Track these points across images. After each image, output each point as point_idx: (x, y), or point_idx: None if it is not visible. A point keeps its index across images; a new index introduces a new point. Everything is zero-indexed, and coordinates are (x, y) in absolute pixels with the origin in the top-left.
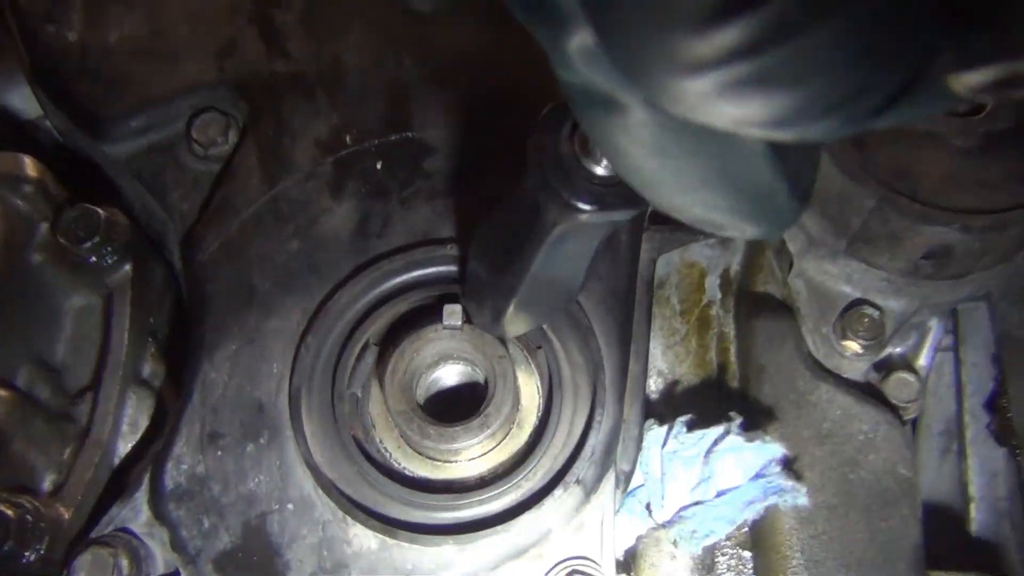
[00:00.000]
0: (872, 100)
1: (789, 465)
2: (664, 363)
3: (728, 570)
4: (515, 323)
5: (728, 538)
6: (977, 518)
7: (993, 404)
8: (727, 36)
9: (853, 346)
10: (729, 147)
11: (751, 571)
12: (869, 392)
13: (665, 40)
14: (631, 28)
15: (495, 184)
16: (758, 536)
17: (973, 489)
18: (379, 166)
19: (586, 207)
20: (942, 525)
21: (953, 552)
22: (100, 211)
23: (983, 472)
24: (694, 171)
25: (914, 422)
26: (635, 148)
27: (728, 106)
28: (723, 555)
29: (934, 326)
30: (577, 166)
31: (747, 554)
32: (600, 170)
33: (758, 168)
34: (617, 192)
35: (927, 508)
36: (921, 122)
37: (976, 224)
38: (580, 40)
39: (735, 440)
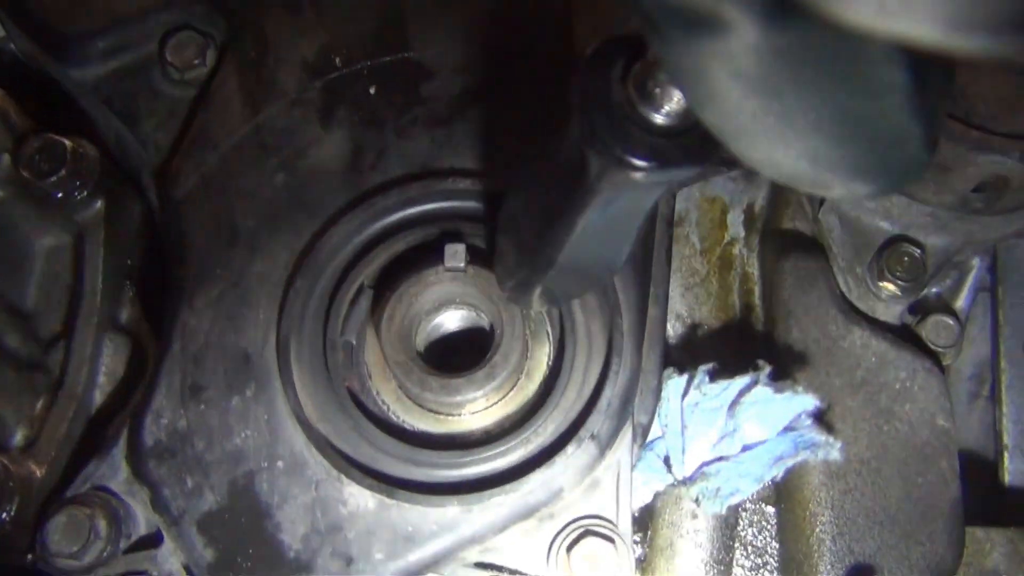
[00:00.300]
0: None
1: (821, 417)
2: (683, 306)
3: (750, 525)
4: (545, 298)
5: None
6: (1011, 468)
7: None
8: None
9: (890, 287)
10: (861, 79)
11: (775, 527)
12: (905, 336)
13: None
14: None
15: (503, 111)
16: (784, 491)
17: (1007, 438)
18: (373, 91)
19: (642, 163)
20: (972, 475)
21: (986, 504)
22: (66, 141)
23: (1019, 420)
24: (808, 113)
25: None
26: (735, 84)
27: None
28: (744, 510)
29: (976, 265)
30: (633, 114)
31: (771, 509)
32: (660, 118)
33: (893, 107)
34: (679, 145)
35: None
36: None
37: None
38: None
39: (763, 392)
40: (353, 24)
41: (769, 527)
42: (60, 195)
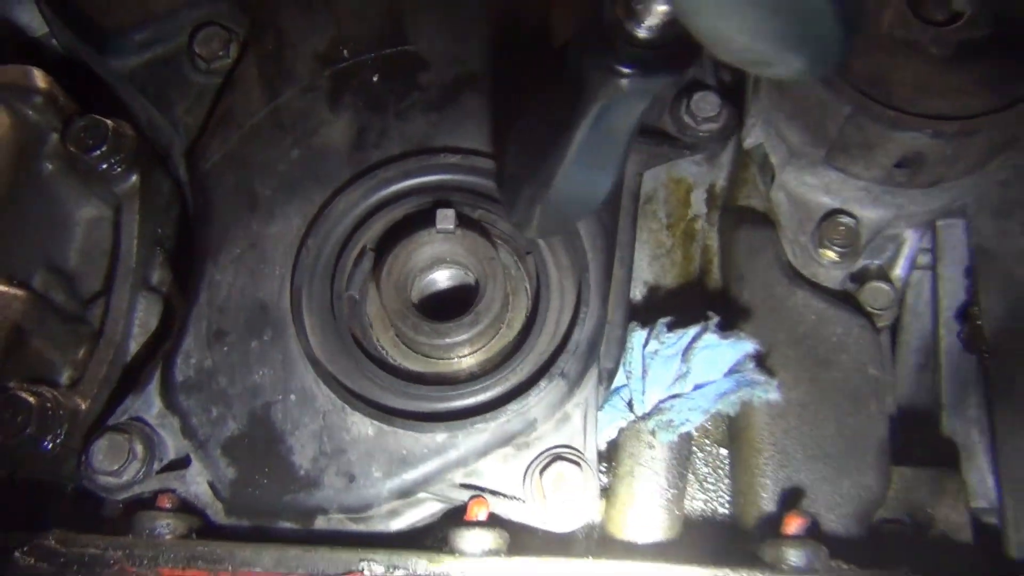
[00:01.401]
0: None
1: (762, 361)
2: (650, 274)
3: (705, 465)
4: (547, 219)
5: (706, 436)
6: (947, 424)
7: (965, 313)
8: None
9: (830, 254)
10: None
11: (726, 466)
12: (845, 299)
13: None
14: None
15: (489, 97)
16: (734, 432)
17: (944, 397)
18: (376, 79)
19: (628, 71)
20: (919, 432)
21: (926, 455)
22: (108, 121)
23: (954, 381)
24: None
25: (895, 339)
26: None
27: None
28: (702, 452)
29: (909, 237)
30: (620, 29)
31: (724, 451)
32: (642, 32)
33: None
34: (659, 55)
35: (905, 416)
36: (898, 31)
37: (947, 129)
38: None
39: (711, 338)
40: (359, 20)
41: (722, 465)
42: (103, 167)
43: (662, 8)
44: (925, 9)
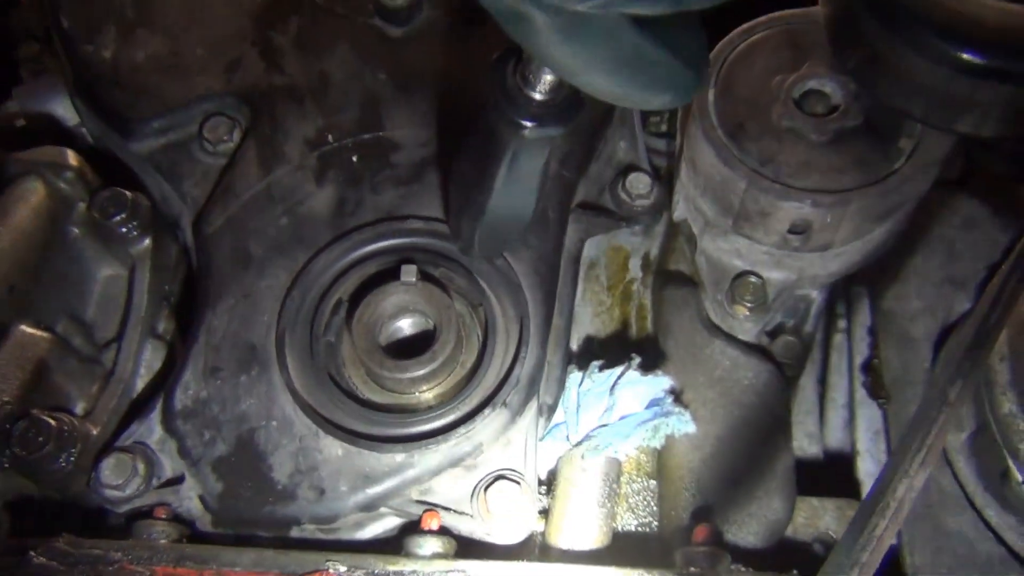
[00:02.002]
0: None
1: (678, 396)
2: (592, 328)
3: (636, 494)
4: (484, 243)
5: (638, 470)
6: (861, 467)
7: (868, 365)
8: None
9: (741, 309)
10: (609, 31)
11: (657, 495)
12: (758, 350)
13: None
14: None
15: (448, 172)
16: (661, 464)
17: (860, 445)
18: (355, 159)
19: (528, 123)
20: (833, 471)
21: (844, 492)
22: (128, 193)
23: (868, 430)
24: (596, 56)
25: (822, 395)
26: (550, 46)
27: None
28: (635, 483)
29: (816, 298)
30: (520, 93)
31: (653, 482)
32: (538, 95)
33: (636, 43)
34: (551, 112)
35: (830, 462)
36: (784, 120)
37: (824, 200)
38: None
39: (634, 375)
40: (342, 112)
41: (652, 494)
42: (122, 231)
43: (549, 77)
44: (808, 103)
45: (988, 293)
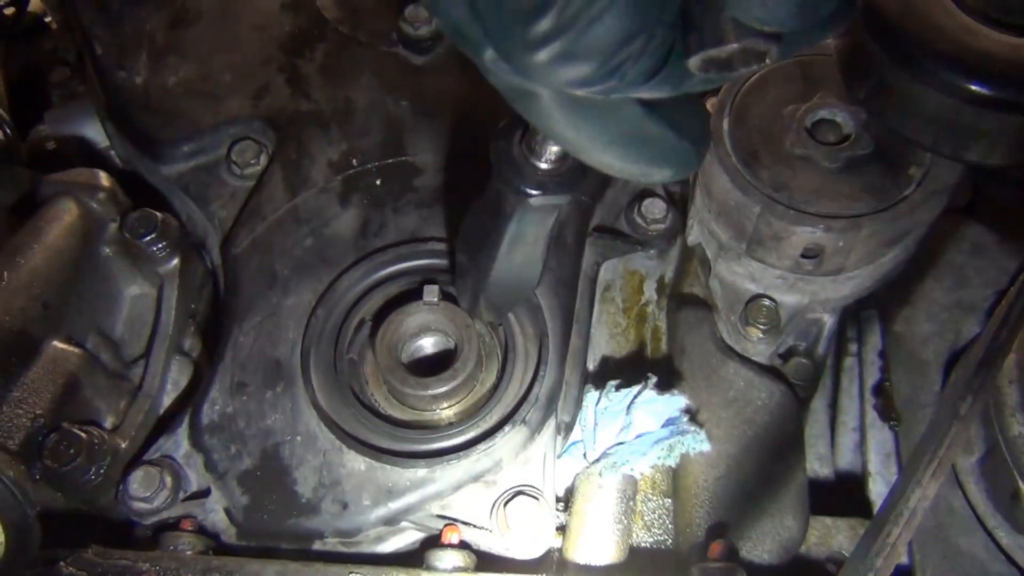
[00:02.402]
0: (640, 70)
1: (694, 416)
2: (608, 349)
3: (651, 512)
4: (488, 307)
5: (654, 489)
6: (872, 488)
7: (879, 388)
8: (541, 27)
9: (755, 332)
10: (612, 110)
11: (672, 513)
12: (771, 371)
13: (515, 37)
14: (503, 37)
15: (468, 196)
16: (676, 482)
17: (871, 466)
18: (378, 182)
19: (534, 192)
20: (851, 495)
21: (856, 512)
22: (157, 214)
23: (879, 452)
24: (600, 132)
25: (833, 418)
26: (555, 122)
27: (561, 74)
28: (651, 502)
29: (828, 321)
30: (526, 163)
31: (668, 500)
32: (543, 164)
33: (640, 122)
34: (555, 181)
35: (842, 484)
36: (797, 148)
37: (836, 225)
38: (490, 54)
39: (650, 394)
40: (366, 136)
41: (667, 513)
42: (152, 250)
43: (555, 148)
44: (819, 132)
45: (997, 314)
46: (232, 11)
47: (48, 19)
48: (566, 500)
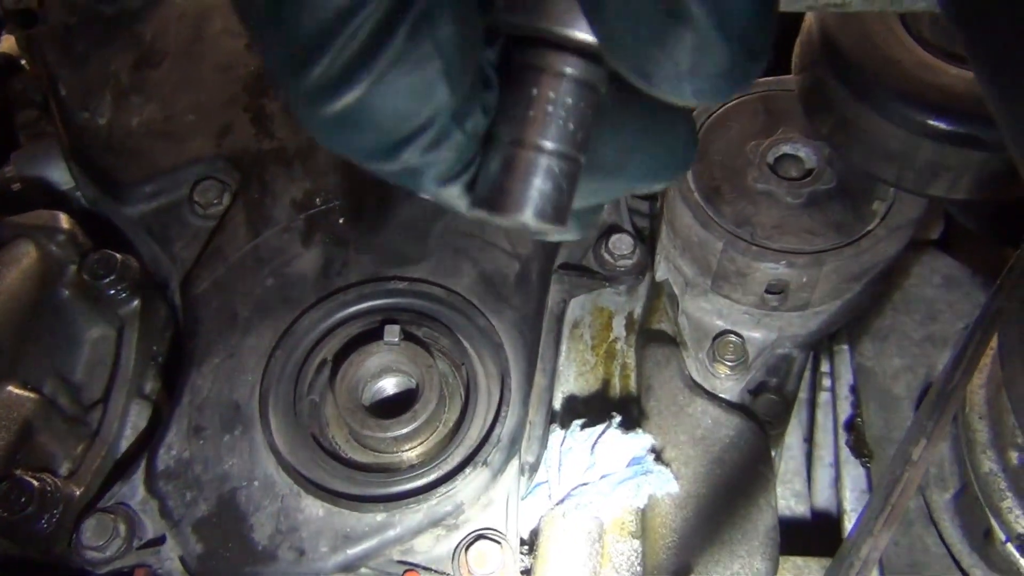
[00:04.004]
0: (439, 166)
1: (659, 455)
2: (576, 387)
3: (619, 554)
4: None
5: (622, 530)
6: (849, 528)
7: (851, 424)
8: (316, 71)
9: (723, 368)
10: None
11: (640, 554)
12: (740, 408)
13: (292, 82)
14: (282, 78)
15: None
16: (644, 523)
17: (847, 504)
18: (341, 221)
19: None
20: (828, 533)
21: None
22: (117, 255)
23: (854, 489)
24: None
25: (809, 454)
26: None
27: (341, 140)
28: (617, 543)
29: (797, 356)
30: None
31: (636, 542)
32: None
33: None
34: None
35: (819, 522)
36: (759, 184)
37: (799, 261)
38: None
39: (615, 434)
40: (329, 174)
41: (635, 554)
42: (111, 293)
43: None
44: (782, 167)
45: (953, 355)
46: (197, 52)
47: (23, 60)
48: (531, 542)
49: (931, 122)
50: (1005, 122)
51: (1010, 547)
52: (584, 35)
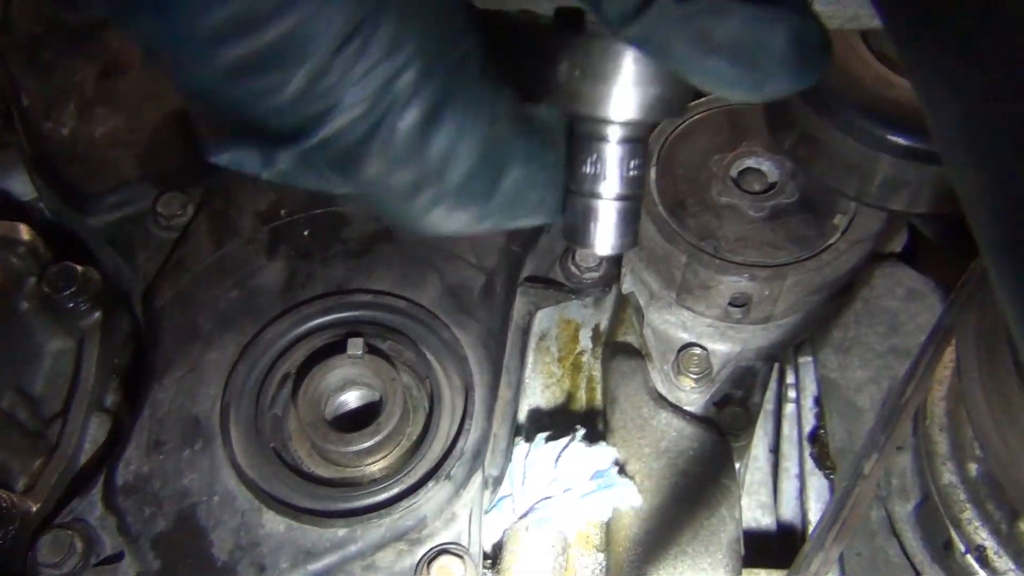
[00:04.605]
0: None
1: (622, 468)
2: (542, 399)
3: (584, 568)
4: None
5: (587, 543)
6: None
7: (815, 436)
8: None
9: (687, 381)
10: None
11: (605, 568)
12: (705, 420)
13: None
14: None
15: (397, 248)
16: (609, 535)
17: (812, 515)
18: (306, 233)
19: None
20: (793, 544)
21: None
22: (78, 267)
23: (819, 500)
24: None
25: (775, 465)
26: None
27: None
28: (582, 557)
29: (762, 369)
30: None
31: (601, 555)
32: None
33: None
34: None
35: (785, 534)
36: (723, 197)
37: (761, 275)
38: None
39: (578, 447)
40: (295, 187)
41: (599, 568)
42: (71, 305)
43: None
44: (745, 181)
45: (906, 370)
46: None
47: None
48: (494, 556)
49: (890, 137)
50: (935, 136)
51: (969, 558)
52: (626, 116)
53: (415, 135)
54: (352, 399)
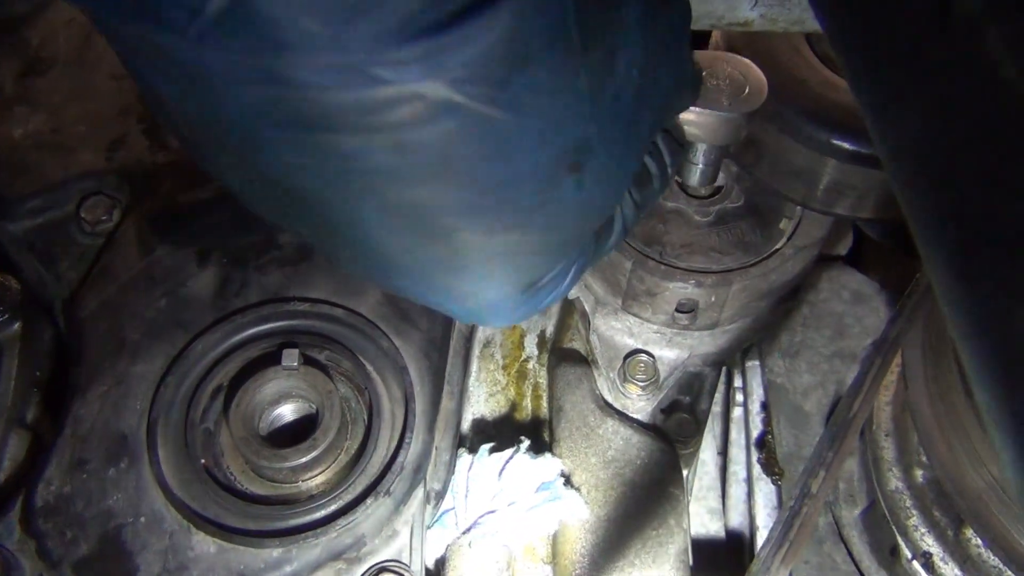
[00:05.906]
0: None
1: (568, 479)
2: (486, 409)
3: None
4: None
5: (532, 556)
6: (760, 545)
7: (762, 441)
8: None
9: (634, 388)
10: None
11: None
12: (652, 428)
13: None
14: None
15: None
16: (555, 549)
17: (759, 521)
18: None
19: None
20: (741, 550)
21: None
22: None
23: (766, 506)
24: None
25: (724, 470)
26: None
27: None
28: (529, 570)
29: (709, 375)
30: None
31: (548, 567)
32: None
33: None
34: None
35: (732, 540)
36: (669, 202)
37: (707, 281)
38: None
39: (523, 459)
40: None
41: None
42: None
43: None
44: (692, 186)
45: (853, 382)
46: (89, 60)
47: None
48: (437, 573)
49: (835, 141)
50: (878, 143)
51: (916, 564)
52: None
53: None
54: (287, 412)
